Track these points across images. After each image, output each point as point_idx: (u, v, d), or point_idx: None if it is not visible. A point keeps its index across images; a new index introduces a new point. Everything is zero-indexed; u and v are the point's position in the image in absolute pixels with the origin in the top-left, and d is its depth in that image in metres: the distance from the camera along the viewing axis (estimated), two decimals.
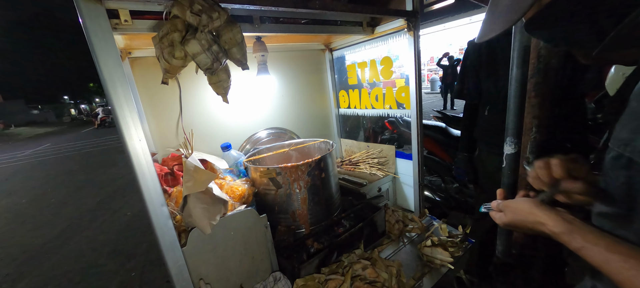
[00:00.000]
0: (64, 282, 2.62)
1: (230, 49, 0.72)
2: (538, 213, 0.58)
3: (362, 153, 1.83)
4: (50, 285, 2.58)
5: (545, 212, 0.57)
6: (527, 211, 0.60)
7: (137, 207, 4.24)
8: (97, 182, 5.74)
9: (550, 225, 0.55)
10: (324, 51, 1.86)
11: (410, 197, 1.62)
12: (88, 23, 0.56)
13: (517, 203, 0.64)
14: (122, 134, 0.64)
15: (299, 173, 1.17)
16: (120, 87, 0.62)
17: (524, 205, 0.62)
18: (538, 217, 0.58)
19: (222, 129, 1.55)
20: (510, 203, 0.66)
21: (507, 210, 0.66)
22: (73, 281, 2.62)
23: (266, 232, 1.07)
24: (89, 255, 3.03)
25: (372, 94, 1.66)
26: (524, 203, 0.62)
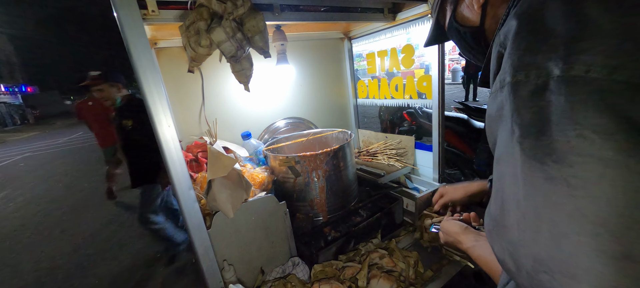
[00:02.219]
0: (99, 258, 2.83)
1: (253, 36, 0.73)
2: (457, 233, 0.74)
3: (380, 144, 1.81)
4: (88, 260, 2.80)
5: (462, 233, 0.73)
6: (453, 232, 0.76)
7: None
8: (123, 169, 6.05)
9: (464, 243, 0.72)
10: (343, 40, 1.83)
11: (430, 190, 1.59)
12: (121, 14, 0.59)
13: (447, 225, 0.80)
14: (152, 120, 0.67)
15: (317, 162, 1.18)
16: (150, 76, 0.65)
17: (449, 227, 0.78)
18: (458, 236, 0.74)
19: (242, 118, 1.58)
20: (444, 225, 0.81)
21: (442, 231, 0.82)
22: (109, 258, 2.82)
23: (285, 218, 1.10)
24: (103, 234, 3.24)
25: (391, 83, 1.63)
26: (450, 225, 0.78)
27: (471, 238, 0.70)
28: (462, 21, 0.58)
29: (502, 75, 0.36)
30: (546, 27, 0.32)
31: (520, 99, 0.32)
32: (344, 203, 1.33)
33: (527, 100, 0.32)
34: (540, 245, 0.30)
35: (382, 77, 1.69)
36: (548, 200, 0.29)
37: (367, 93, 1.84)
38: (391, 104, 1.68)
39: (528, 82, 0.32)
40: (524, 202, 0.32)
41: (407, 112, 3.27)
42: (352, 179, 1.37)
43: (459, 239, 0.73)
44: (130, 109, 2.07)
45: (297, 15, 1.10)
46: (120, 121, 2.07)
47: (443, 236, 0.80)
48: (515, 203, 0.33)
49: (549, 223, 0.29)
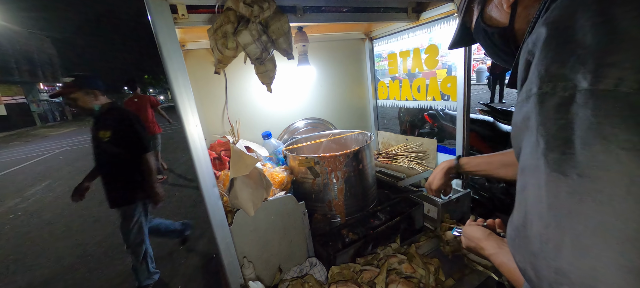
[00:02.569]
0: None
1: (277, 38, 0.74)
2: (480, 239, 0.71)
3: (400, 146, 1.77)
4: None
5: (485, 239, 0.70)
6: (475, 237, 0.73)
7: (184, 190, 4.64)
8: None
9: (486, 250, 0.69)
10: (364, 40, 1.82)
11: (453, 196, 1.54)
12: (155, 19, 0.62)
13: (470, 230, 0.76)
14: (181, 119, 0.70)
15: (336, 164, 1.18)
16: (180, 77, 0.68)
17: (472, 232, 0.74)
18: (480, 242, 0.71)
19: (262, 118, 1.62)
20: (466, 229, 0.78)
21: (464, 236, 0.78)
22: None
23: (304, 219, 1.11)
24: None
25: (413, 84, 1.59)
26: (473, 230, 0.75)
27: (494, 244, 0.68)
28: (490, 22, 0.57)
29: (529, 85, 0.36)
30: (575, 38, 0.31)
31: (546, 111, 0.32)
32: (362, 205, 1.32)
33: (553, 113, 0.32)
34: (563, 257, 0.30)
35: (404, 78, 1.65)
36: (572, 213, 0.29)
37: (388, 94, 1.81)
38: (412, 105, 1.64)
39: (554, 94, 0.32)
40: (547, 214, 0.32)
41: (428, 113, 3.18)
42: (371, 181, 1.35)
43: (481, 245, 0.71)
44: (110, 118, 1.85)
45: (319, 16, 1.10)
46: (96, 131, 1.85)
47: (465, 241, 0.78)
48: (538, 215, 0.33)
49: (572, 236, 0.29)
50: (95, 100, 1.83)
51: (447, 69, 1.40)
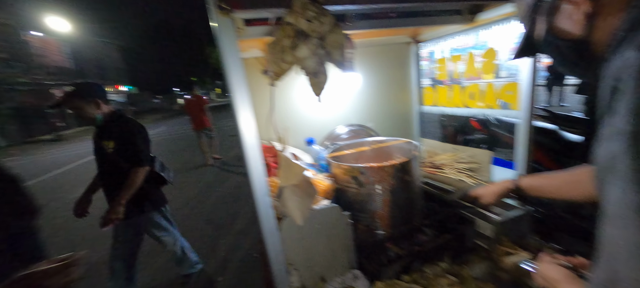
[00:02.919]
0: None
1: (332, 51, 0.74)
2: (559, 282, 0.61)
3: (449, 156, 1.66)
4: None
5: (565, 282, 0.60)
6: (553, 279, 0.63)
7: (225, 185, 4.92)
8: (195, 159, 6.93)
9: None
10: (410, 44, 1.74)
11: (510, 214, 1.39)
12: (221, 32, 0.66)
13: (548, 269, 0.67)
14: (240, 127, 0.73)
15: (383, 174, 1.14)
16: (240, 85, 0.71)
17: (551, 272, 0.65)
18: (559, 285, 0.61)
19: (304, 123, 1.63)
20: (543, 268, 0.69)
21: (539, 275, 0.69)
22: None
23: (348, 229, 1.09)
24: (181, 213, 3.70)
25: (465, 91, 1.48)
26: (551, 270, 0.65)
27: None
28: (560, 33, 0.50)
29: (618, 121, 0.32)
30: None
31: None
32: (407, 218, 1.26)
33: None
34: None
35: (454, 84, 1.54)
36: None
37: (435, 100, 1.71)
38: (464, 113, 1.53)
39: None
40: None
41: (476, 119, 2.94)
42: (418, 194, 1.28)
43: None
44: (113, 127, 1.76)
45: (368, 23, 1.08)
46: (100, 141, 1.76)
47: (540, 281, 0.69)
48: (635, 279, 0.30)
49: None
50: (97, 110, 1.73)
51: (508, 74, 1.27)
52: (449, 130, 3.61)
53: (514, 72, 1.23)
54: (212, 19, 0.66)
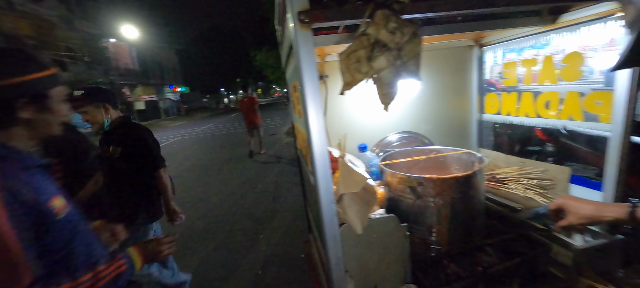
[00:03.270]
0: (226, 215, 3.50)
1: (408, 61, 0.72)
2: None
3: (515, 170, 1.51)
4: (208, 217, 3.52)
5: None
6: None
7: (265, 182, 5.13)
8: (238, 155, 7.37)
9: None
10: (472, 48, 1.62)
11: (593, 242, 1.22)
12: (300, 42, 0.68)
13: None
14: (310, 133, 0.75)
15: (444, 187, 1.08)
16: (315, 94, 0.73)
17: None
18: None
19: (355, 129, 1.63)
20: None
21: None
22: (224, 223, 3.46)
23: (405, 242, 1.05)
24: (225, 206, 3.92)
25: (540, 99, 1.33)
26: None
27: None
28: None
29: None
30: None
31: None
32: (468, 236, 1.17)
33: None
34: None
35: (525, 91, 1.40)
36: None
37: (499, 108, 1.57)
38: (537, 123, 1.38)
39: None
40: None
41: (542, 128, 2.62)
42: (480, 210, 1.19)
43: None
44: (121, 133, 1.75)
45: (434, 29, 1.03)
46: (107, 147, 1.74)
47: None
48: None
49: None
50: (105, 115, 1.72)
51: (597, 81, 1.11)
52: (502, 137, 3.28)
53: (605, 80, 1.07)
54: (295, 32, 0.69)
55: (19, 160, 0.71)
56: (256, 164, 6.40)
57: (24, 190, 0.66)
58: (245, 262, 2.77)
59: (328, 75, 1.51)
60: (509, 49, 1.45)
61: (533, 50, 1.33)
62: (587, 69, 1.12)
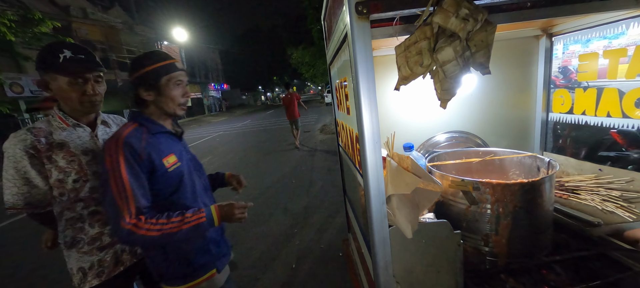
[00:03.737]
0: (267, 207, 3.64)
1: (477, 52, 0.65)
2: None
3: (589, 178, 1.31)
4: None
5: None
6: None
7: (300, 178, 5.21)
8: (274, 150, 7.62)
9: None
10: (539, 38, 1.44)
11: None
12: (356, 34, 0.65)
13: None
14: (362, 130, 0.72)
15: (505, 194, 0.97)
16: (370, 88, 0.69)
17: None
18: None
19: (401, 128, 1.55)
20: None
21: None
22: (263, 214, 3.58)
23: (458, 250, 0.97)
24: (261, 199, 4.05)
25: (629, 95, 1.13)
26: None
27: None
28: None
29: None
30: None
31: None
32: (531, 250, 1.05)
33: None
34: None
35: (609, 87, 1.20)
36: None
37: (572, 106, 1.37)
38: (621, 124, 1.18)
39: None
40: None
41: (620, 130, 2.25)
42: (547, 222, 1.05)
43: None
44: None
45: (502, 16, 0.92)
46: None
47: None
48: None
49: None
50: None
51: None
52: (567, 140, 2.88)
53: None
54: (352, 25, 0.67)
55: (148, 127, 0.95)
56: (291, 160, 6.54)
57: (143, 147, 0.88)
58: (281, 255, 2.84)
59: None
60: (586, 37, 1.26)
61: (605, 41, 1.14)
62: None
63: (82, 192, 0.98)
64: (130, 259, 1.10)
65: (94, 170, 1.01)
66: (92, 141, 1.04)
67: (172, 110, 0.99)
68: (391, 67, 1.04)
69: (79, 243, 1.00)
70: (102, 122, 1.09)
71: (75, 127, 1.01)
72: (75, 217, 0.99)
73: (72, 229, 0.99)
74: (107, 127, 1.12)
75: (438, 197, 1.13)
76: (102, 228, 1.03)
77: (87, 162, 1.00)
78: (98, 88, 1.00)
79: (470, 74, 1.24)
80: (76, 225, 0.99)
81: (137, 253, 1.11)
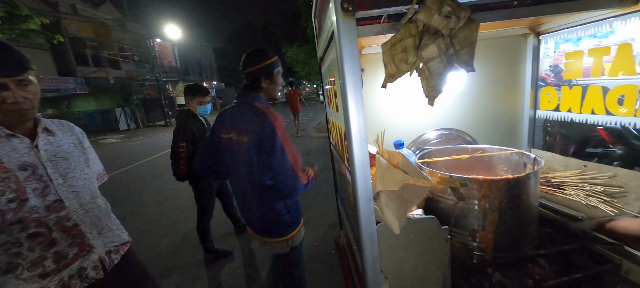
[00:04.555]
0: None
1: (461, 49, 0.66)
2: None
3: (573, 174, 1.34)
4: None
5: None
6: None
7: None
8: None
9: None
10: (526, 36, 1.46)
11: None
12: (342, 32, 0.66)
13: None
14: (349, 127, 0.72)
15: (491, 189, 0.99)
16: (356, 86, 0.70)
17: None
18: None
19: (391, 126, 1.56)
20: None
21: None
22: None
23: (445, 246, 0.99)
24: None
25: (612, 93, 1.15)
26: None
27: None
28: None
29: None
30: None
31: None
32: (517, 244, 1.07)
33: None
34: None
35: (594, 85, 1.22)
36: None
37: (558, 104, 1.40)
38: (605, 121, 1.20)
39: None
40: None
41: (606, 128, 2.30)
42: (533, 217, 1.07)
43: None
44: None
45: (488, 15, 0.93)
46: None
47: None
48: None
49: None
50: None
51: None
52: (554, 137, 2.93)
53: None
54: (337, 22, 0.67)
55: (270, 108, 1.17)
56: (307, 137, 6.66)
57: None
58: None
59: (364, 69, 1.46)
60: (572, 37, 1.28)
61: (594, 39, 1.16)
62: None
63: (19, 213, 0.82)
64: (81, 285, 0.94)
65: (34, 187, 0.85)
66: (33, 154, 0.88)
67: (276, 95, 1.26)
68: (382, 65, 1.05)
69: (17, 269, 0.85)
70: (43, 130, 0.94)
71: (10, 138, 0.85)
72: (11, 241, 0.83)
73: (6, 254, 0.84)
74: (51, 135, 0.96)
75: (427, 193, 1.14)
76: (44, 251, 0.88)
77: (26, 178, 0.84)
78: (22, 93, 0.84)
79: (456, 72, 1.25)
80: (11, 250, 0.84)
81: (89, 277, 0.96)
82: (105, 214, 1.05)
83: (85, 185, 0.97)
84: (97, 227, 0.98)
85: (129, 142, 12.03)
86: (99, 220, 0.99)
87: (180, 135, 2.18)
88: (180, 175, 2.28)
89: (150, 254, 3.03)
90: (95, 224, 0.97)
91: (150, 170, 6.87)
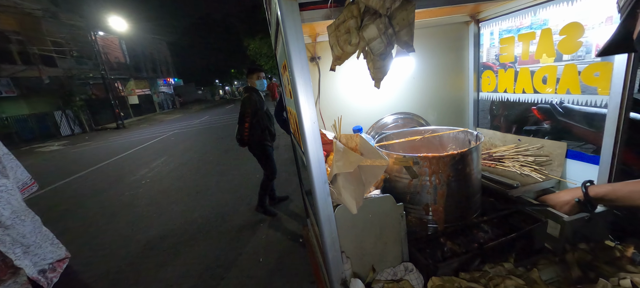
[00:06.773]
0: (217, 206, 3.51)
1: (400, 30, 0.69)
2: None
3: (510, 147, 1.50)
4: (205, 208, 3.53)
5: None
6: None
7: None
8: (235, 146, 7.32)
9: None
10: (468, 23, 1.58)
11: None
12: (285, 16, 0.64)
13: None
14: (300, 114, 0.72)
15: (439, 165, 1.07)
16: (304, 71, 0.70)
17: None
18: None
19: (350, 112, 1.60)
20: None
21: None
22: (222, 211, 3.47)
23: (401, 221, 1.05)
24: (224, 196, 3.93)
25: (537, 74, 1.30)
26: None
27: None
28: None
29: None
30: None
31: None
32: (464, 213, 1.17)
33: None
34: None
35: (522, 67, 1.37)
36: None
37: (496, 85, 1.54)
38: (534, 99, 1.36)
39: None
40: None
41: (538, 107, 2.61)
42: (476, 188, 1.18)
43: None
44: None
45: (432, 2, 0.98)
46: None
47: None
48: None
49: None
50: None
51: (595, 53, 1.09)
52: (500, 118, 3.27)
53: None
54: (279, 4, 0.65)
55: None
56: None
57: None
58: (247, 249, 2.79)
59: (320, 57, 1.47)
60: (506, 25, 1.41)
61: (531, 23, 1.30)
62: (586, 40, 1.09)
63: None
64: None
65: None
66: None
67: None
68: None
69: None
70: None
71: None
72: None
73: None
74: None
75: (383, 173, 1.20)
76: None
77: None
78: None
79: (405, 57, 1.31)
80: None
81: None
82: (33, 230, 0.92)
83: (3, 199, 0.84)
84: (22, 245, 0.86)
85: (73, 149, 10.75)
86: (24, 237, 0.87)
87: (247, 105, 2.87)
88: (243, 141, 3.02)
89: (101, 270, 2.78)
90: (18, 242, 0.85)
91: (103, 177, 6.24)
